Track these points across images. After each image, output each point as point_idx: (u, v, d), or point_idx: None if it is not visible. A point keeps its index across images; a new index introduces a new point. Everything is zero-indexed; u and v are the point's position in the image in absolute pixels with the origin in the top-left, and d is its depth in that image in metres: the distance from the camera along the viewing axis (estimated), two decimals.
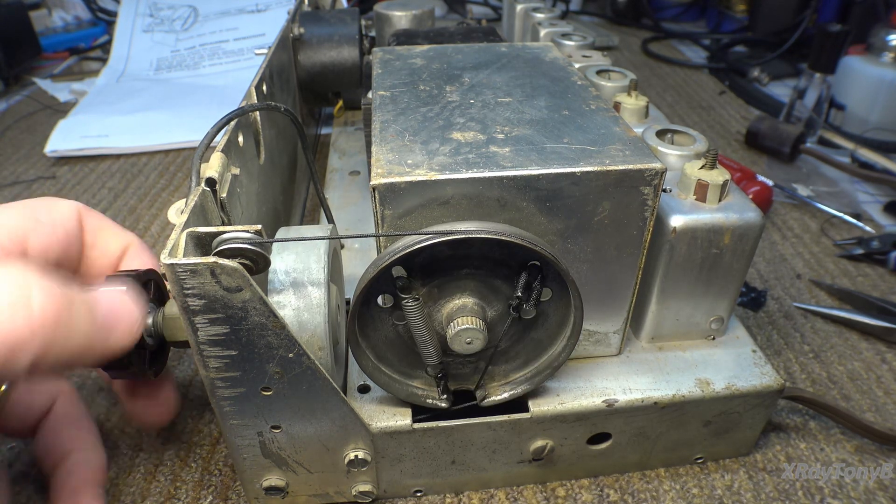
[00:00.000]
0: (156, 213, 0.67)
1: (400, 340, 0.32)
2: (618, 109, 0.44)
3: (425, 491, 0.37)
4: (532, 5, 0.69)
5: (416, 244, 0.27)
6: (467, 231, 0.28)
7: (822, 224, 0.64)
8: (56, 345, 0.22)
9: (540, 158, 0.30)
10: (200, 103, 0.91)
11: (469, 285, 0.30)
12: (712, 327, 0.38)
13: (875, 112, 0.79)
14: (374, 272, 0.28)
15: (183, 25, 1.11)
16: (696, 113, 0.90)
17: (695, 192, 0.35)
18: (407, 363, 0.33)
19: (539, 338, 0.33)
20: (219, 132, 0.33)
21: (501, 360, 0.34)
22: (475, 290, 0.31)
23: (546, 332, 0.33)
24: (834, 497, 0.37)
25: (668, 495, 0.37)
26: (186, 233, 0.27)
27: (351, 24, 0.70)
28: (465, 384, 0.34)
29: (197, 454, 0.40)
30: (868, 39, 0.81)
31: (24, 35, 1.03)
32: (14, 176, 0.75)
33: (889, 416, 0.43)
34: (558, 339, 0.33)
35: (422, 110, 0.35)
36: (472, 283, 0.30)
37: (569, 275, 0.29)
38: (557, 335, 0.33)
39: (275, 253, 0.31)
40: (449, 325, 0.30)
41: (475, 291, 0.31)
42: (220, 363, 0.28)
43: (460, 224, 0.28)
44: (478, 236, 0.28)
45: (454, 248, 0.29)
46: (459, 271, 0.30)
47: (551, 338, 0.33)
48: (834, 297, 0.54)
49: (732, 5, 1.24)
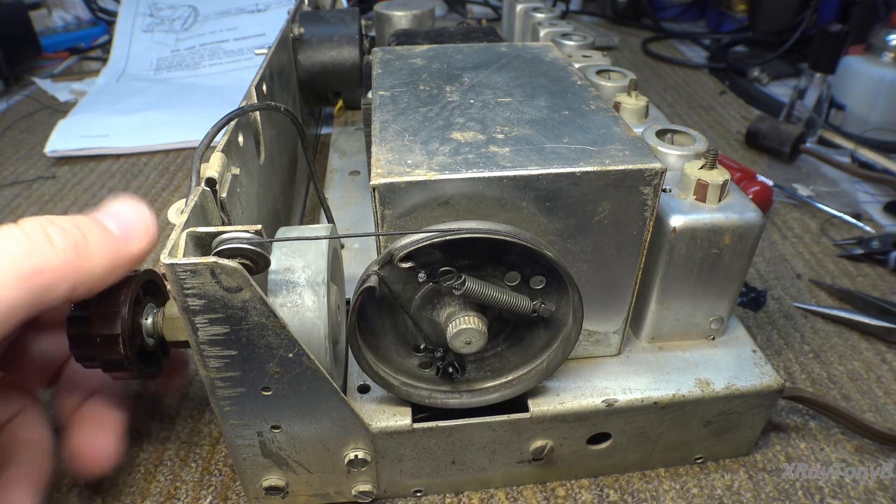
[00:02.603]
0: (156, 213, 0.67)
1: (400, 340, 0.32)
2: (618, 109, 0.44)
3: (425, 491, 0.37)
4: (532, 5, 0.69)
5: (417, 243, 0.27)
6: (466, 230, 0.28)
7: (822, 224, 0.64)
8: (85, 267, 0.26)
9: (540, 158, 0.30)
10: (200, 103, 0.91)
11: (442, 291, 0.30)
12: (712, 327, 0.38)
13: (875, 112, 0.79)
14: (353, 303, 0.28)
15: (183, 25, 1.11)
16: (696, 113, 0.90)
17: (695, 192, 0.35)
18: (407, 363, 0.33)
19: (539, 337, 0.33)
20: (219, 132, 0.33)
21: (500, 360, 0.34)
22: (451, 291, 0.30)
23: (546, 332, 0.33)
24: (834, 497, 0.37)
25: (668, 495, 0.37)
26: (186, 233, 0.27)
27: (351, 24, 0.70)
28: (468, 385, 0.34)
29: (197, 454, 0.40)
30: (868, 39, 0.81)
31: (24, 35, 1.04)
32: (14, 176, 0.75)
33: (889, 416, 0.43)
34: (558, 339, 0.33)
35: (422, 110, 0.35)
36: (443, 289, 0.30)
37: (569, 275, 0.29)
38: (557, 335, 0.33)
39: (275, 253, 0.31)
40: (449, 325, 0.30)
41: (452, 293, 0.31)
42: (220, 363, 0.28)
43: (460, 224, 0.28)
44: (478, 236, 0.28)
45: (454, 247, 0.29)
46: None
47: (551, 338, 0.33)
48: (834, 297, 0.54)
49: (732, 5, 1.24)
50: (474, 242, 0.29)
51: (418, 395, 0.33)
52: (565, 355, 0.33)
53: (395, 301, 0.30)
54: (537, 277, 0.31)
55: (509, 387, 0.34)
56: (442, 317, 0.30)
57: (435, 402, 0.33)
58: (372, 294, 0.29)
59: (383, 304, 0.31)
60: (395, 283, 0.30)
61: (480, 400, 0.34)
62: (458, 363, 0.32)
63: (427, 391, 0.34)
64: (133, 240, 0.29)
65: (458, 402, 0.33)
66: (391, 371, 0.33)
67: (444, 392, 0.34)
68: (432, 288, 0.30)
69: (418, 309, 0.31)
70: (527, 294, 0.31)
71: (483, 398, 0.34)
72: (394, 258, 0.28)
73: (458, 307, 0.30)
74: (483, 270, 0.30)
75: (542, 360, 0.33)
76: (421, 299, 0.30)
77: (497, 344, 0.33)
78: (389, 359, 0.33)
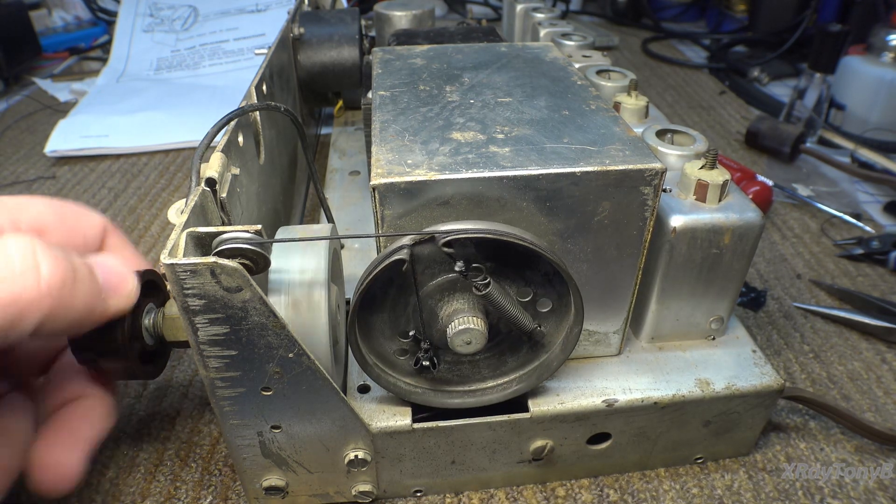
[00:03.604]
0: (156, 213, 0.67)
1: (392, 321, 0.32)
2: (618, 109, 0.44)
3: (425, 491, 0.37)
4: (532, 5, 0.69)
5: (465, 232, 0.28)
6: (466, 230, 0.28)
7: (822, 224, 0.64)
8: (61, 308, 0.24)
9: (540, 158, 0.30)
10: (200, 103, 0.91)
11: (457, 286, 0.30)
12: (712, 327, 0.38)
13: (875, 112, 0.79)
14: (373, 269, 0.28)
15: (183, 25, 1.11)
16: (696, 113, 0.90)
17: (695, 192, 0.35)
18: (387, 345, 0.33)
19: (520, 356, 0.33)
20: (219, 132, 0.33)
21: (500, 359, 0.34)
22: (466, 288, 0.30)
23: (553, 313, 0.33)
24: (834, 497, 0.37)
25: (667, 495, 0.37)
26: (186, 233, 0.27)
27: (351, 24, 0.70)
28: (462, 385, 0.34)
29: (197, 454, 0.40)
30: (868, 39, 0.81)
31: (24, 35, 1.03)
32: (14, 176, 0.75)
33: (889, 416, 0.43)
34: (568, 317, 0.33)
35: (422, 110, 0.35)
36: (459, 284, 0.30)
37: (569, 275, 0.29)
38: (557, 335, 0.33)
39: (275, 253, 0.31)
40: (449, 325, 0.30)
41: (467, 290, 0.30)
42: (220, 363, 0.28)
43: (509, 228, 0.28)
44: (477, 236, 0.28)
45: (489, 248, 0.29)
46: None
47: (560, 317, 0.33)
48: (834, 297, 0.54)
49: (732, 5, 1.24)
50: (509, 250, 0.29)
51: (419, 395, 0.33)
52: (539, 380, 0.33)
53: (409, 281, 0.30)
54: (546, 301, 0.31)
55: (507, 387, 0.34)
56: (446, 311, 0.30)
57: (431, 402, 0.33)
58: (396, 267, 0.29)
59: (391, 283, 0.30)
60: (415, 263, 0.30)
61: (480, 400, 0.34)
62: (437, 360, 0.32)
63: (421, 390, 0.33)
64: (113, 298, 0.27)
65: (458, 403, 0.33)
66: (391, 370, 0.33)
67: (443, 392, 0.34)
68: (449, 280, 0.30)
69: (426, 297, 0.30)
70: (531, 313, 0.31)
71: (483, 398, 0.34)
72: (436, 240, 0.28)
73: (468, 306, 0.30)
74: (503, 278, 0.30)
75: (542, 359, 0.33)
76: (433, 288, 0.30)
77: (482, 350, 0.33)
78: (373, 337, 0.32)
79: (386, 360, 0.33)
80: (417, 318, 0.31)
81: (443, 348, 0.32)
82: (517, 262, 0.30)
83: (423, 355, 0.32)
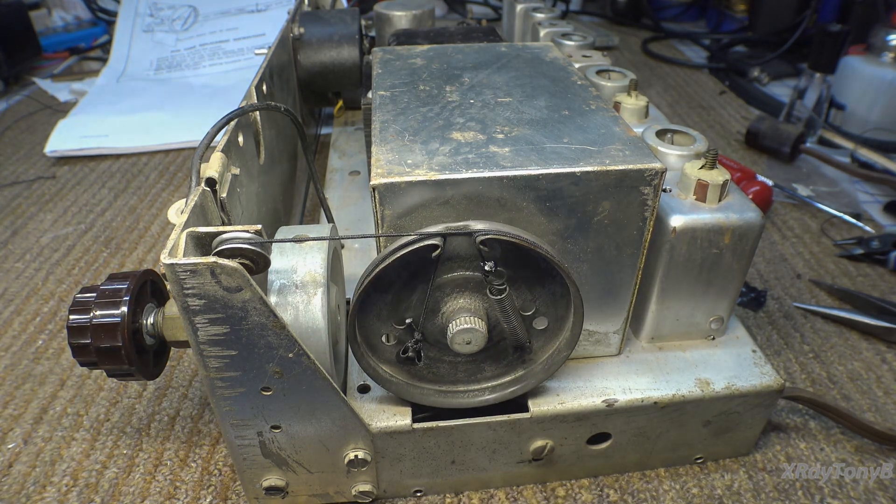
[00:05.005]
0: (156, 213, 0.67)
1: (391, 307, 0.32)
2: (618, 109, 0.44)
3: (425, 491, 0.37)
4: (532, 5, 0.69)
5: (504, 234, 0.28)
6: (507, 233, 0.28)
7: (822, 224, 0.64)
8: None
9: (540, 158, 0.30)
10: (200, 103, 0.91)
11: (469, 285, 0.30)
12: (712, 327, 0.38)
13: (875, 112, 0.79)
14: (400, 249, 0.28)
15: (183, 25, 1.11)
16: (696, 113, 0.90)
17: (695, 192, 0.35)
18: (379, 327, 0.32)
19: (525, 353, 0.33)
20: (219, 132, 0.33)
21: (478, 366, 0.34)
22: (476, 289, 0.31)
23: (546, 332, 0.33)
24: (834, 497, 0.37)
25: (667, 495, 0.37)
26: (186, 233, 0.27)
27: (351, 24, 0.70)
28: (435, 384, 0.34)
29: (197, 454, 0.40)
30: (868, 39, 0.81)
31: (24, 35, 1.04)
32: (14, 176, 0.75)
33: (889, 416, 0.43)
34: (558, 339, 0.33)
35: (422, 110, 0.35)
36: (472, 283, 0.30)
37: (569, 275, 0.29)
38: (557, 335, 0.33)
39: (275, 253, 0.31)
40: (451, 322, 0.30)
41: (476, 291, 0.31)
42: (220, 363, 0.28)
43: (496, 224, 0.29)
44: (518, 242, 0.28)
45: (515, 256, 0.29)
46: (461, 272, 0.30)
47: (551, 337, 0.33)
48: (834, 297, 0.54)
49: (732, 5, 1.24)
50: (530, 262, 0.29)
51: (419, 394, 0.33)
52: (513, 395, 0.33)
53: (425, 268, 0.30)
54: (543, 319, 0.31)
55: (507, 387, 0.34)
56: (450, 308, 0.30)
57: (403, 394, 0.33)
58: (422, 252, 0.29)
59: (406, 266, 0.30)
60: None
61: (450, 402, 0.34)
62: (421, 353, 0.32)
63: (397, 380, 0.33)
64: None
65: (432, 401, 0.33)
66: (391, 370, 0.33)
67: (416, 388, 0.33)
68: (465, 277, 0.30)
69: (434, 289, 0.30)
70: (526, 328, 0.31)
71: (453, 401, 0.34)
72: (474, 235, 0.28)
73: (475, 306, 0.30)
74: (514, 288, 0.30)
75: (542, 359, 0.33)
76: (445, 282, 0.30)
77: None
78: (369, 315, 0.32)
79: (370, 342, 0.33)
80: (421, 307, 0.31)
81: (431, 344, 0.32)
82: (532, 275, 0.30)
83: (413, 346, 0.32)
